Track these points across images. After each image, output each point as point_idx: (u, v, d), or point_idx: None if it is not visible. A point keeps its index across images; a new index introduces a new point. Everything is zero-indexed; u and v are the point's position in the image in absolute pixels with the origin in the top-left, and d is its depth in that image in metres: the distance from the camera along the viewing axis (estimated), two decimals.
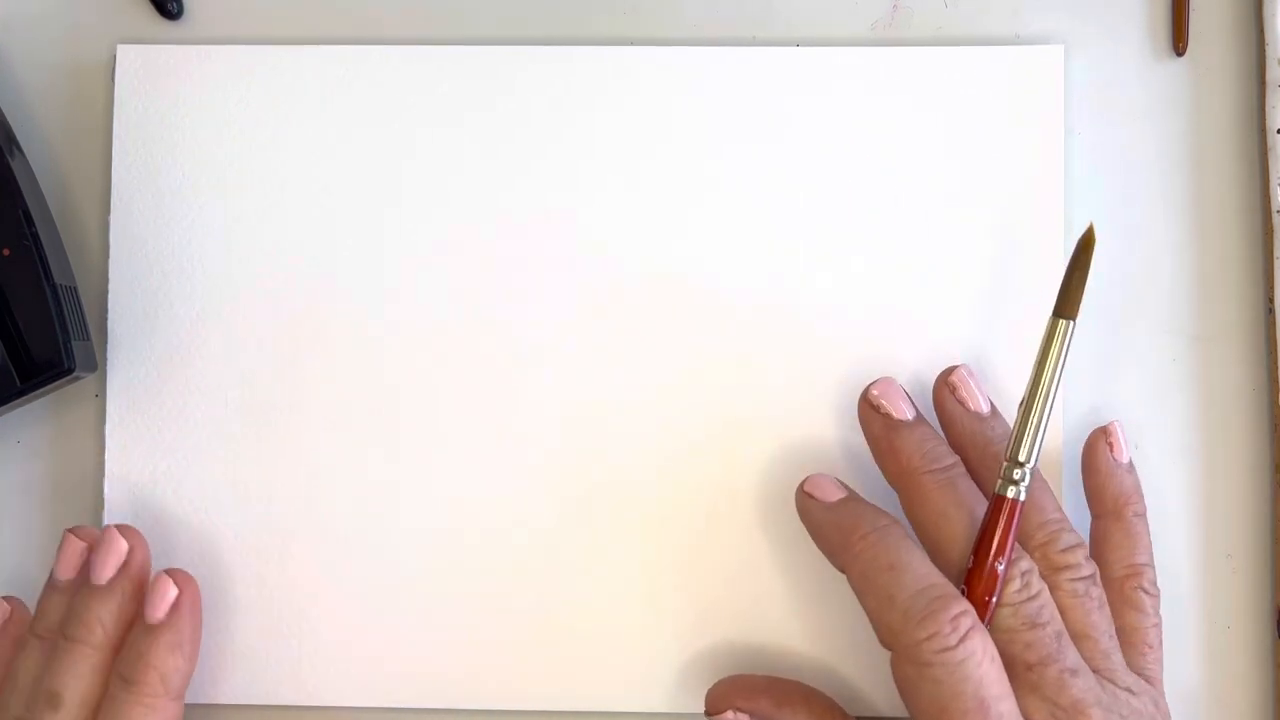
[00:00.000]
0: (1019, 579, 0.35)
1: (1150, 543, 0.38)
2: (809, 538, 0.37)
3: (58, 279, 0.38)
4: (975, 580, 0.34)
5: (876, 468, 0.38)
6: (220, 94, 0.41)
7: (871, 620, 0.34)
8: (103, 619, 0.37)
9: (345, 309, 0.41)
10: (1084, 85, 0.41)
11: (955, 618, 0.33)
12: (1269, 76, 0.40)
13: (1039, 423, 0.35)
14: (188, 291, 0.41)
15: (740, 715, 0.37)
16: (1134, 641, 0.37)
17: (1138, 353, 0.41)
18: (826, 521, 0.37)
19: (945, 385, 0.38)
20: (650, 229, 0.41)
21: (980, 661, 0.33)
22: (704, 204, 0.40)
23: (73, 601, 0.37)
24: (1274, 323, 0.40)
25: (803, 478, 0.38)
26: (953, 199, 0.40)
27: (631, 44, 0.41)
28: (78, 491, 0.41)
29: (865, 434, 0.38)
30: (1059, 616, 0.35)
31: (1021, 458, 0.35)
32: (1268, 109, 0.40)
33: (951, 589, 0.34)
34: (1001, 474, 0.35)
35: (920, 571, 0.34)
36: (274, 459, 0.40)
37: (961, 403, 0.38)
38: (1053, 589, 0.35)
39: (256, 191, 0.41)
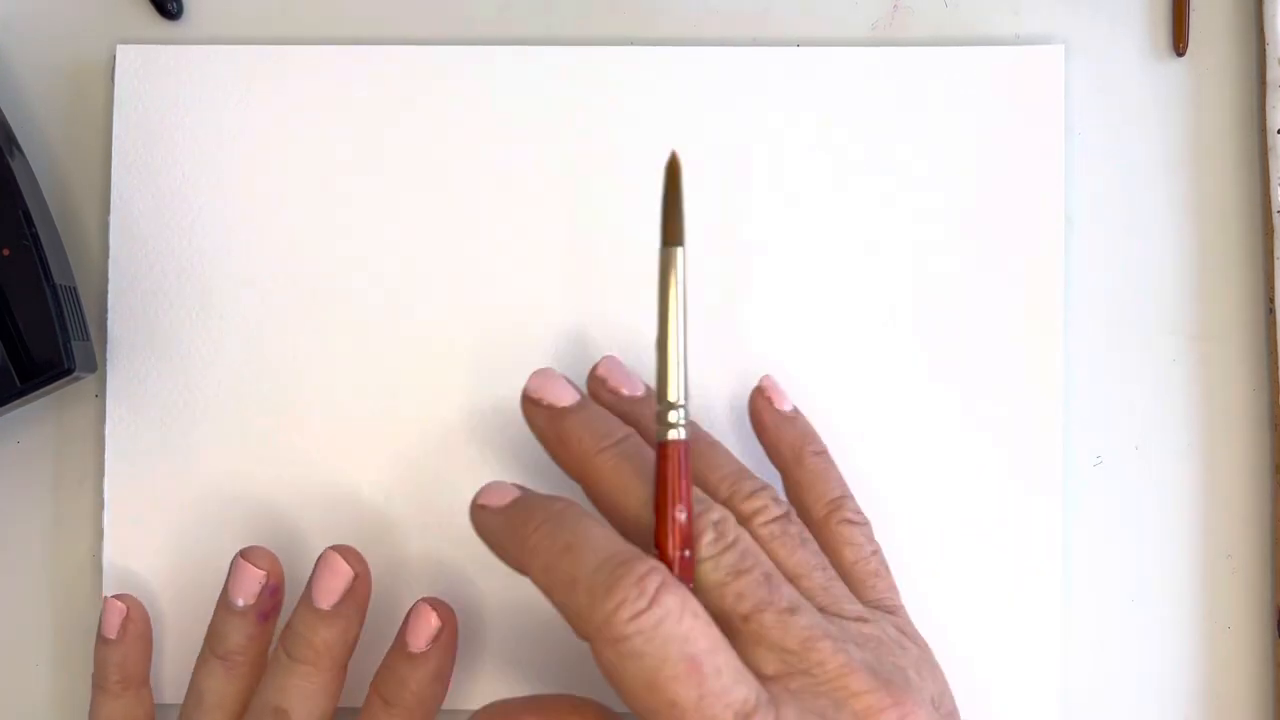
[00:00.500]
0: (711, 530, 0.32)
1: (839, 475, 0.37)
2: None
3: (57, 279, 0.38)
4: (663, 538, 0.32)
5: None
6: (220, 94, 0.41)
7: (562, 613, 0.31)
8: (330, 643, 0.37)
9: (345, 308, 0.41)
10: (1084, 85, 0.41)
11: (641, 579, 0.30)
12: (1269, 76, 0.40)
13: (679, 357, 0.33)
14: (188, 291, 0.41)
15: None
16: (858, 574, 0.35)
17: (1138, 353, 0.41)
18: (499, 527, 0.34)
19: (594, 380, 0.38)
20: (650, 228, 0.40)
21: (680, 618, 0.30)
22: (703, 202, 0.40)
23: (294, 621, 0.37)
24: (1274, 323, 0.40)
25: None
26: (952, 199, 0.40)
27: (631, 44, 0.41)
28: (78, 491, 0.41)
29: (532, 431, 0.36)
30: (765, 558, 0.33)
31: (671, 398, 0.32)
32: (1268, 109, 0.40)
33: (635, 552, 0.31)
34: (656, 419, 0.33)
35: (599, 545, 0.31)
36: (275, 458, 0.40)
37: (613, 391, 0.37)
38: (751, 532, 0.33)
39: (256, 191, 0.41)
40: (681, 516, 0.32)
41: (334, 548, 0.38)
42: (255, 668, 0.38)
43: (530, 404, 0.36)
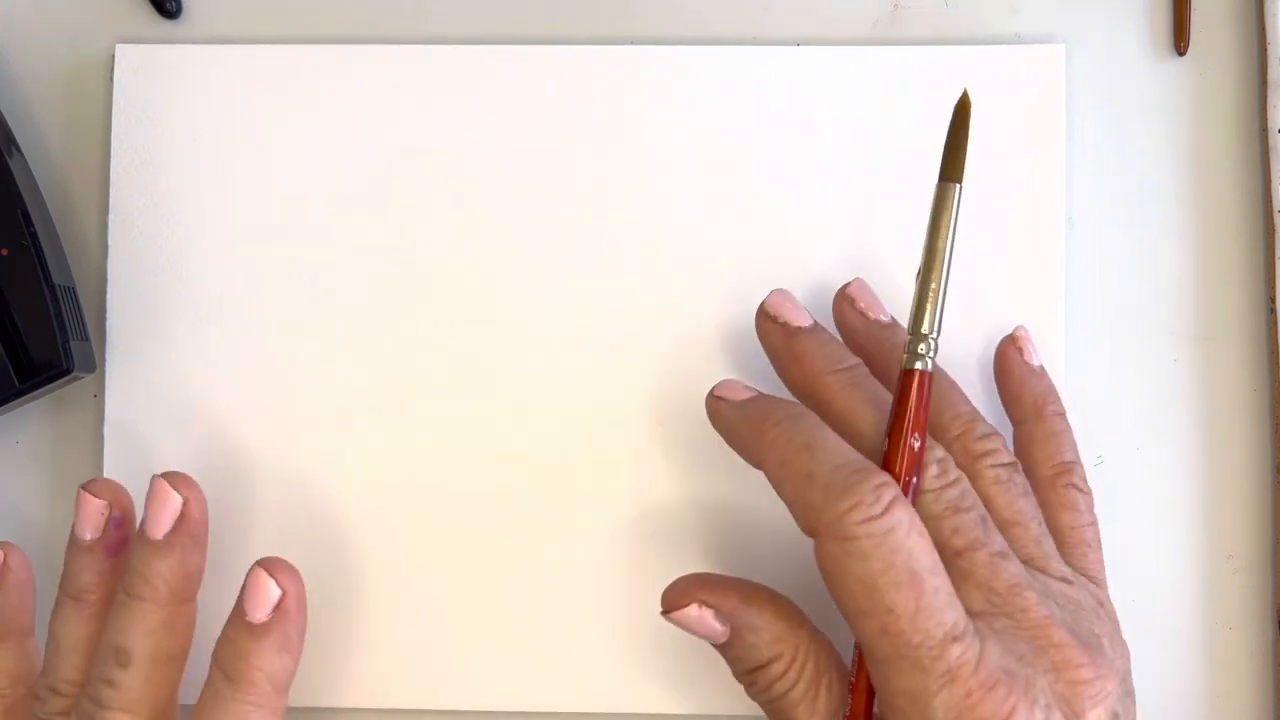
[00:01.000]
0: (935, 465, 0.33)
1: (1074, 440, 0.37)
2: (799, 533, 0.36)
3: (56, 279, 0.38)
4: (893, 460, 0.33)
5: None
6: (220, 94, 0.41)
7: (791, 507, 0.32)
8: (165, 575, 0.36)
9: (345, 307, 0.40)
10: (1084, 85, 0.41)
11: (878, 487, 0.31)
12: (1270, 76, 0.40)
13: (938, 291, 0.34)
14: (187, 291, 0.41)
15: (705, 609, 0.35)
16: (1071, 540, 0.36)
17: (1138, 353, 0.41)
18: (738, 419, 0.35)
19: (844, 298, 0.38)
20: (650, 228, 0.40)
21: (909, 532, 0.31)
22: (703, 203, 0.40)
23: (131, 558, 0.36)
24: (1274, 323, 0.40)
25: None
26: None
27: (631, 44, 0.41)
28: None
29: (765, 347, 0.37)
30: (981, 504, 0.33)
31: (924, 329, 0.34)
32: (1269, 109, 0.40)
33: (871, 464, 0.32)
34: (906, 349, 0.34)
35: (837, 449, 0.32)
36: (274, 458, 0.40)
37: (862, 313, 0.38)
38: (974, 479, 0.34)
39: (256, 191, 0.41)
40: (915, 444, 0.33)
41: (162, 474, 0.37)
42: (109, 606, 0.37)
43: (767, 319, 0.37)
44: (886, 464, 0.33)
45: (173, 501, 0.36)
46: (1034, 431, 0.37)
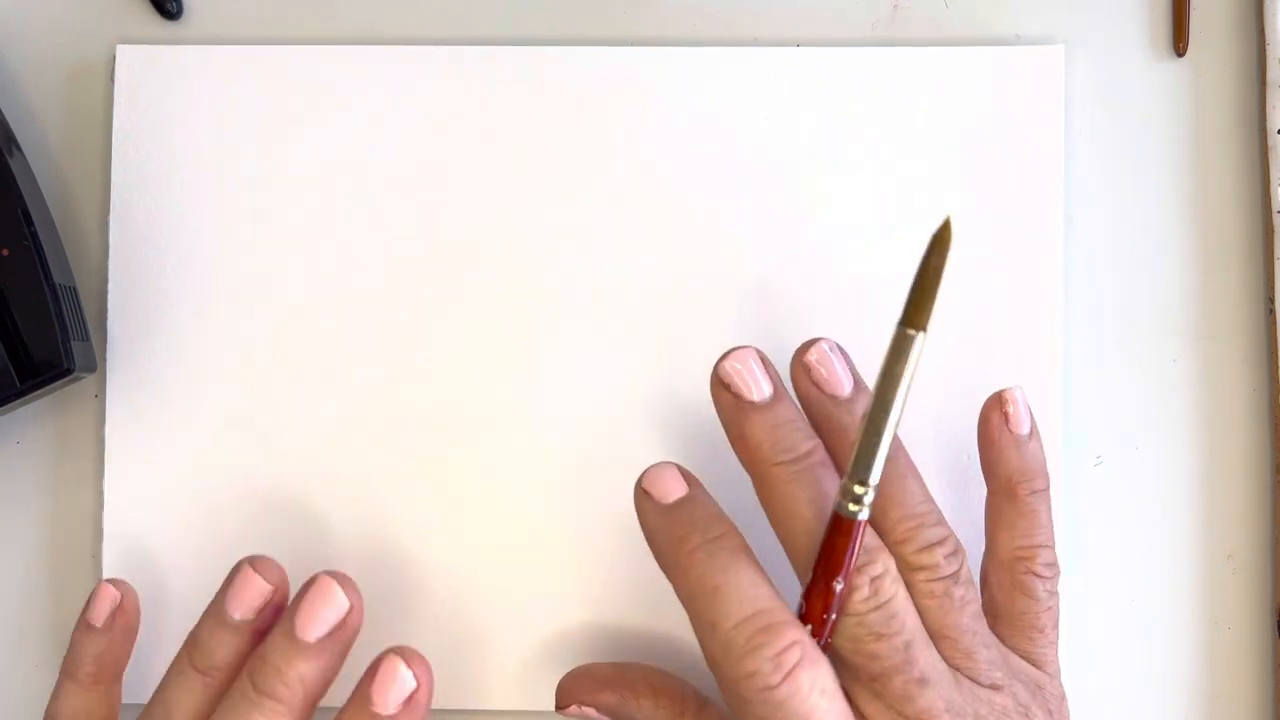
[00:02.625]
0: (867, 586, 0.32)
1: (1048, 519, 0.35)
2: None
3: (57, 279, 0.38)
4: (814, 597, 0.32)
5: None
6: (220, 94, 0.41)
7: (698, 640, 0.32)
8: (305, 679, 0.33)
9: (345, 308, 0.41)
10: (1084, 85, 0.41)
11: (779, 654, 0.30)
12: (1269, 76, 0.40)
13: (885, 441, 0.31)
14: (188, 291, 0.41)
15: (586, 709, 0.35)
16: (1022, 625, 0.35)
17: (1138, 353, 0.41)
18: (657, 529, 0.33)
19: (800, 365, 0.35)
20: (650, 228, 0.40)
21: (806, 697, 0.30)
22: (703, 203, 0.40)
23: (268, 650, 0.33)
24: (1274, 323, 0.40)
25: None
26: (952, 199, 0.40)
27: (632, 44, 0.41)
28: (78, 492, 0.41)
29: (717, 412, 0.34)
30: (913, 620, 0.32)
31: (864, 477, 0.31)
32: (1268, 109, 0.40)
33: (780, 614, 0.31)
34: (841, 490, 0.32)
35: (748, 594, 0.31)
36: (275, 459, 0.40)
37: (817, 385, 0.34)
38: (910, 587, 0.33)
39: (256, 191, 0.41)
40: (838, 588, 0.32)
41: (329, 573, 0.33)
42: (229, 685, 0.34)
43: (719, 387, 0.34)
44: (808, 596, 0.32)
45: (339, 605, 0.33)
46: (1003, 508, 0.36)
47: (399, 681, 0.33)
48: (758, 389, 0.34)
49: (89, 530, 0.41)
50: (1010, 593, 0.35)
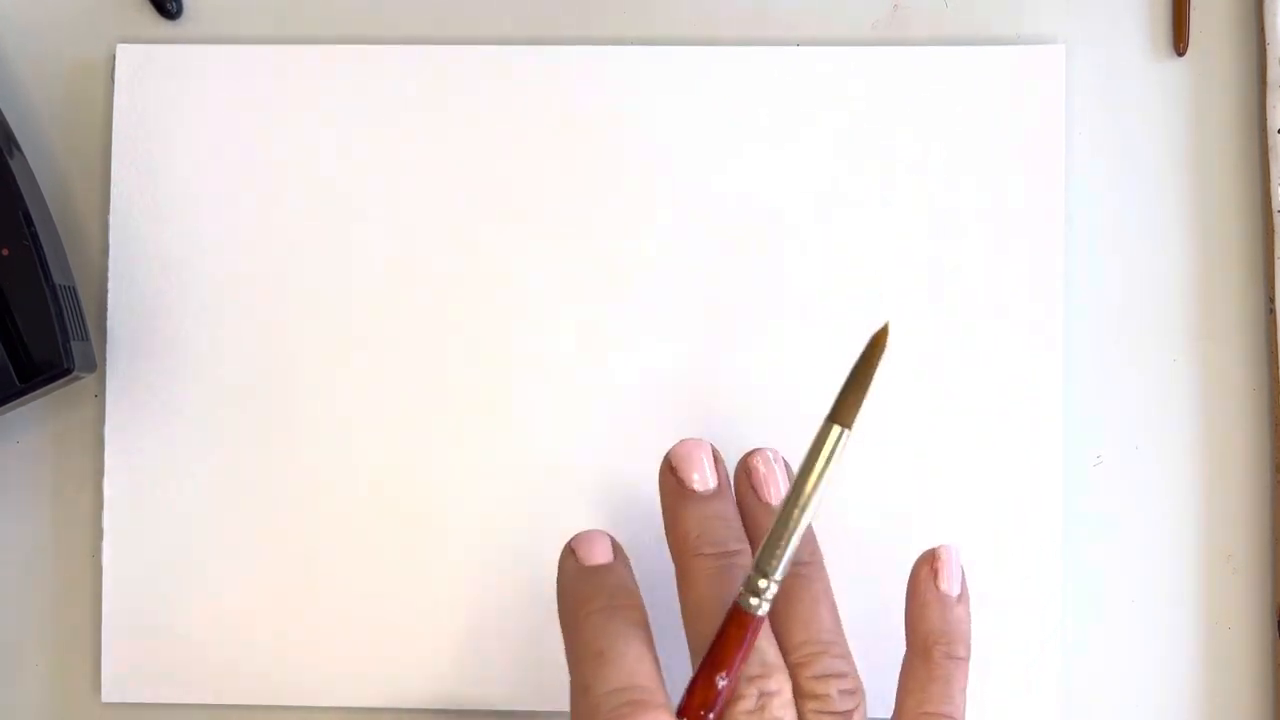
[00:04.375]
0: (754, 699, 0.31)
1: (961, 687, 0.34)
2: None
3: (57, 279, 0.38)
4: (696, 690, 0.31)
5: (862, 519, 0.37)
6: (220, 94, 0.41)
7: (570, 699, 0.32)
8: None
9: (345, 307, 0.41)
10: (1084, 85, 0.41)
11: None
12: (1269, 76, 0.40)
13: (795, 539, 0.31)
14: (188, 291, 0.41)
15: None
16: None
17: (1138, 352, 0.41)
18: (568, 586, 0.33)
19: (743, 468, 0.35)
20: (649, 228, 0.41)
21: None
22: (703, 203, 0.40)
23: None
24: (1274, 323, 0.40)
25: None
26: (952, 199, 0.40)
27: (631, 44, 0.41)
28: (78, 491, 0.41)
29: (660, 495, 0.35)
30: None
31: (768, 570, 0.31)
32: (1268, 109, 0.40)
33: (655, 697, 0.30)
34: (745, 582, 0.31)
35: (629, 667, 0.31)
36: (273, 459, 0.40)
37: (755, 489, 0.35)
38: (801, 714, 0.32)
39: (256, 191, 0.41)
40: (720, 684, 0.31)
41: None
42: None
43: (666, 470, 0.35)
44: (691, 688, 0.31)
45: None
46: (917, 668, 0.34)
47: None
48: (702, 480, 0.34)
49: (89, 530, 0.41)
50: None
